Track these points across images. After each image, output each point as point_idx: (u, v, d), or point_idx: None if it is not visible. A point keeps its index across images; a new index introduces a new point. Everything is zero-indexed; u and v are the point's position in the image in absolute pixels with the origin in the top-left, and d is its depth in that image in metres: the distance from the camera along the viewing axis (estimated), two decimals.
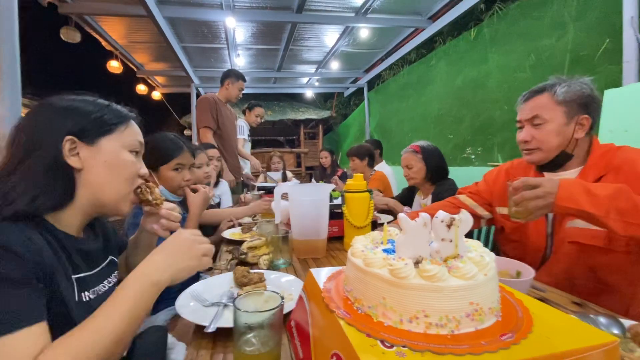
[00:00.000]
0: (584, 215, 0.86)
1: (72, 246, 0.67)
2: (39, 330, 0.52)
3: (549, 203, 0.87)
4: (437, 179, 2.00)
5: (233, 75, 3.13)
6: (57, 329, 0.55)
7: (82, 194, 0.68)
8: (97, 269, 0.74)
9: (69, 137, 0.66)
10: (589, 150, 1.07)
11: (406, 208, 2.08)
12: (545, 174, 1.15)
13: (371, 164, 3.19)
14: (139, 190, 0.78)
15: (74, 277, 0.64)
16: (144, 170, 0.78)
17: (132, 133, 0.76)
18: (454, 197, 1.43)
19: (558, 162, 1.09)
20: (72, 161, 0.66)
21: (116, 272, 0.82)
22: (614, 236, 0.93)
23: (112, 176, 0.71)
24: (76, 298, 0.63)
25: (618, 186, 0.86)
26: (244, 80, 3.20)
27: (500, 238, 1.33)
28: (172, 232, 0.87)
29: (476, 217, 1.33)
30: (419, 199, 2.14)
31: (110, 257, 0.81)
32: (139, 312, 0.59)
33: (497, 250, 1.55)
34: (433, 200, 1.93)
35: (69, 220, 0.68)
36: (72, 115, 0.68)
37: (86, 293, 0.67)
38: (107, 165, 0.70)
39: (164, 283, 0.64)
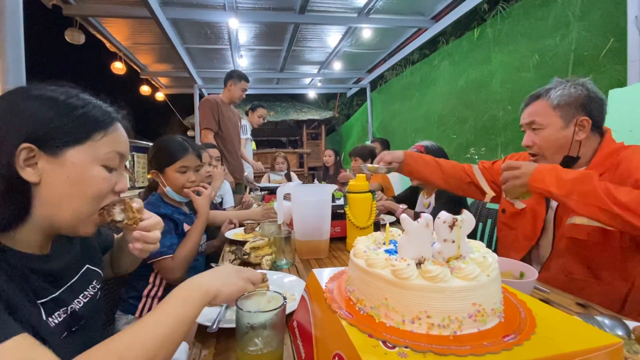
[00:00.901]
0: (551, 195, 0.94)
1: (32, 268, 0.58)
2: (29, 339, 0.45)
3: (525, 183, 0.97)
4: None
5: (235, 76, 3.14)
6: None
7: (38, 210, 0.57)
8: (69, 284, 0.65)
9: (26, 144, 0.54)
10: (598, 149, 1.08)
11: (402, 206, 2.08)
12: None
13: None
14: (102, 211, 0.65)
15: (39, 302, 0.56)
16: (121, 185, 0.66)
17: (112, 142, 0.63)
18: (470, 165, 1.45)
19: (564, 166, 1.10)
20: (27, 173, 0.54)
21: (95, 281, 0.74)
22: (609, 232, 0.96)
23: (73, 195, 0.59)
24: (44, 322, 0.56)
25: (585, 172, 0.93)
26: (247, 81, 3.20)
27: (499, 222, 1.36)
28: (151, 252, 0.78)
29: (480, 191, 1.39)
30: (422, 199, 2.14)
31: (86, 266, 0.72)
32: (185, 315, 0.55)
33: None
34: (437, 200, 1.93)
35: (27, 237, 0.58)
36: (35, 117, 0.56)
37: (54, 315, 0.59)
38: (70, 182, 0.58)
39: (213, 291, 0.59)
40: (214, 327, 0.68)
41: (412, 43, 4.55)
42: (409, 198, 2.28)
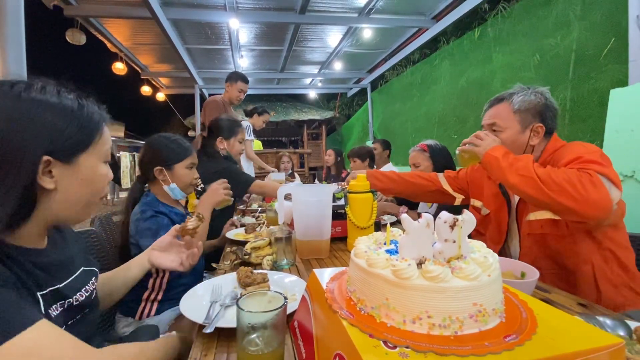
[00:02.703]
0: (497, 162, 1.05)
1: (33, 261, 0.60)
2: (49, 324, 0.52)
3: (482, 152, 1.11)
4: None
5: (233, 77, 3.14)
6: None
7: (44, 210, 0.60)
8: (70, 279, 0.68)
9: (46, 157, 0.57)
10: (544, 150, 1.17)
11: (402, 208, 2.08)
12: None
13: (372, 165, 3.19)
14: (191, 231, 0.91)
15: (39, 293, 0.58)
16: (111, 174, 0.72)
17: (106, 140, 0.68)
18: (435, 173, 1.59)
19: None
20: (45, 182, 0.58)
21: (94, 277, 0.77)
22: (557, 221, 1.06)
23: (85, 192, 0.64)
24: (44, 314, 0.58)
25: (525, 155, 1.06)
26: (245, 81, 3.17)
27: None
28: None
29: (448, 195, 1.53)
30: None
31: (81, 269, 0.74)
32: None
33: None
34: None
35: (26, 233, 0.61)
36: (50, 129, 0.58)
37: (52, 308, 0.61)
38: (84, 183, 0.63)
39: None
40: (210, 327, 0.68)
41: (412, 43, 4.54)
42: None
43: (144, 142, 1.49)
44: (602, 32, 2.28)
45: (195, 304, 0.81)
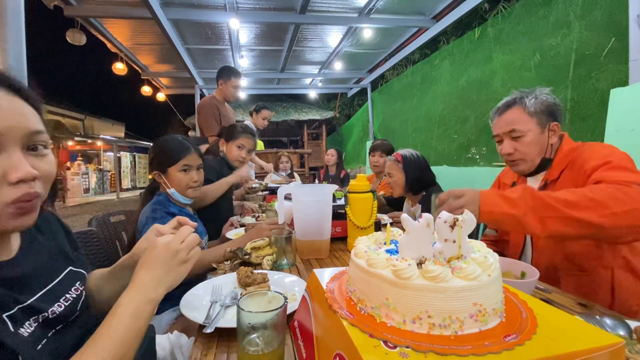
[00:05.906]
0: (505, 218, 0.88)
1: None
2: None
3: (475, 209, 0.90)
4: (417, 190, 1.94)
5: (225, 74, 3.03)
6: None
7: None
8: (46, 290, 0.59)
9: None
10: (558, 149, 1.17)
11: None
12: (527, 178, 1.25)
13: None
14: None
15: (5, 315, 0.50)
16: (18, 173, 0.49)
17: None
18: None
19: (541, 168, 1.18)
20: None
21: (79, 282, 0.68)
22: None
23: None
24: (14, 334, 0.50)
25: (523, 187, 0.93)
26: (238, 76, 3.06)
27: (489, 243, 1.42)
28: None
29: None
30: (407, 206, 2.12)
31: (69, 269, 0.67)
32: (137, 330, 0.56)
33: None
34: (422, 209, 1.90)
35: None
36: None
37: (25, 325, 0.53)
38: None
39: (160, 297, 0.60)
40: (210, 327, 0.68)
41: (412, 43, 4.54)
42: (396, 202, 2.26)
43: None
44: (602, 31, 2.28)
45: (195, 304, 0.82)
